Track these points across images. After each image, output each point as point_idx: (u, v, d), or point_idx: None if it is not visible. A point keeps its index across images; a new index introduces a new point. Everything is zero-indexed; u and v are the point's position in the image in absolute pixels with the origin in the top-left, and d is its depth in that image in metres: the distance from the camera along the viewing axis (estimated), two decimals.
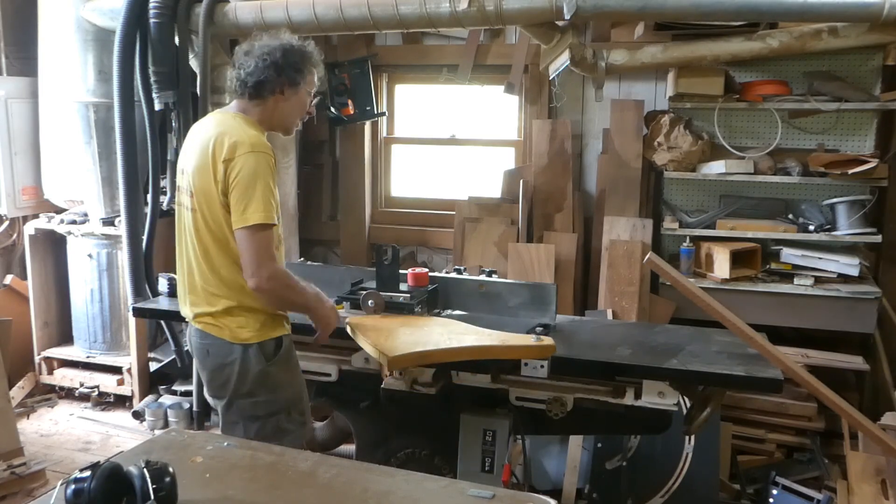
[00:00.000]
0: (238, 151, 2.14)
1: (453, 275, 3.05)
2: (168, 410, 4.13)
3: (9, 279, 4.50)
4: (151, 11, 3.74)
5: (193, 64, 3.87)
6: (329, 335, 2.43)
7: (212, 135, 2.21)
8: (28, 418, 4.27)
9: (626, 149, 4.04)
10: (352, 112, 4.52)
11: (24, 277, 4.52)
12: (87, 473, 1.40)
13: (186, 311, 2.40)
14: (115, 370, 4.40)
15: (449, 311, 2.89)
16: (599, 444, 3.22)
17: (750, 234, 3.73)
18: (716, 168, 3.70)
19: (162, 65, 3.81)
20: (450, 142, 4.70)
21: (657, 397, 2.43)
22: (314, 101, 2.42)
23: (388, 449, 2.83)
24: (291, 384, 2.39)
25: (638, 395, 2.45)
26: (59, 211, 4.47)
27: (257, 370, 2.28)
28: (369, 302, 2.75)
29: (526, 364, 2.44)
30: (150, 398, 4.30)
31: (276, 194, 2.20)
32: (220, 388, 2.34)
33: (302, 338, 2.50)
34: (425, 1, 3.36)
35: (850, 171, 3.46)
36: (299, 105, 2.33)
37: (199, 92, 3.86)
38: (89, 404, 4.42)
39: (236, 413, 2.34)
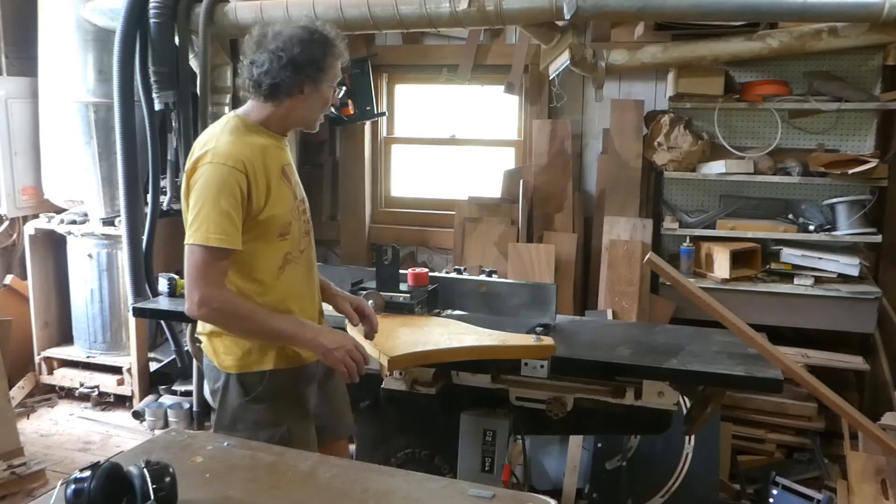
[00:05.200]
0: (201, 161, 1.93)
1: (453, 275, 3.05)
2: (168, 410, 4.13)
3: (9, 279, 4.50)
4: (151, 11, 3.74)
5: (193, 64, 3.88)
6: (345, 373, 2.02)
7: (196, 142, 2.04)
8: (28, 418, 4.27)
9: (626, 149, 4.04)
10: (352, 112, 4.51)
11: (24, 277, 4.52)
12: (87, 473, 1.40)
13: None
14: (115, 370, 4.40)
15: (449, 311, 2.89)
16: (599, 444, 3.22)
17: (750, 234, 3.73)
18: (716, 168, 3.70)
19: (162, 65, 3.81)
20: (450, 142, 4.70)
21: (657, 397, 2.42)
22: (339, 93, 2.16)
23: (388, 449, 2.83)
24: (277, 424, 2.06)
25: (638, 395, 2.45)
26: (59, 211, 4.47)
27: (236, 404, 2.08)
28: (369, 302, 2.75)
29: (526, 364, 2.43)
30: (150, 398, 4.30)
31: (232, 214, 1.89)
32: (214, 412, 2.17)
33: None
34: (425, 1, 3.36)
35: (850, 171, 3.45)
36: (321, 101, 2.06)
37: (199, 92, 3.87)
38: (89, 404, 4.42)
39: None
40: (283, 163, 2.08)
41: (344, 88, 2.17)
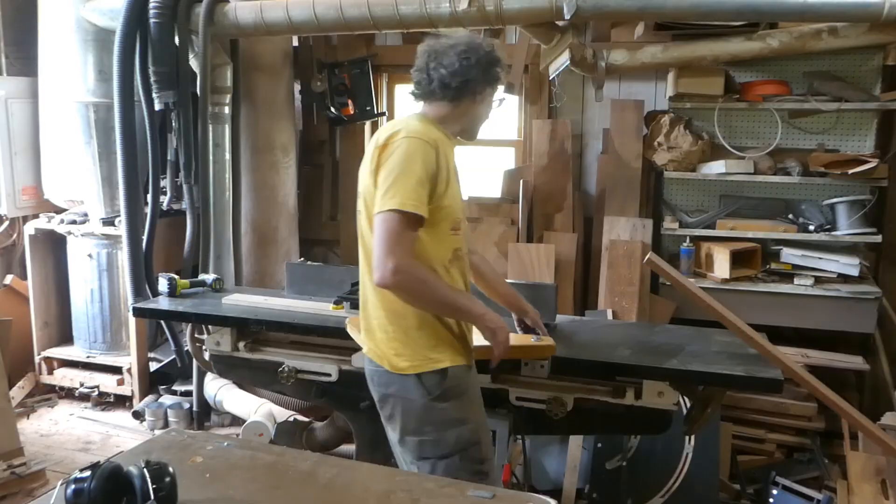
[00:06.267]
0: (394, 137, 1.98)
1: None
2: (168, 410, 4.13)
3: (9, 279, 4.50)
4: (151, 11, 3.74)
5: (193, 64, 3.88)
6: (500, 353, 2.10)
7: (382, 129, 2.09)
8: (28, 418, 4.27)
9: (626, 149, 4.04)
10: (352, 112, 4.52)
11: (24, 277, 4.52)
12: (87, 473, 1.40)
13: (361, 337, 2.20)
14: (115, 370, 4.40)
15: None
16: (599, 444, 3.22)
17: (750, 234, 3.73)
18: (716, 168, 3.71)
19: (162, 65, 3.81)
20: None
21: (657, 397, 2.43)
22: (498, 104, 2.23)
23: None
24: (464, 422, 2.07)
25: (638, 395, 2.45)
26: (59, 211, 4.47)
27: (420, 405, 2.05)
28: None
29: (526, 364, 2.44)
30: (150, 398, 4.30)
31: (426, 185, 1.94)
32: (389, 419, 2.16)
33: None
34: (425, 1, 3.36)
35: (850, 171, 3.46)
36: (487, 109, 2.17)
37: (199, 92, 3.87)
38: (89, 404, 4.42)
39: (409, 452, 2.12)
40: (454, 161, 2.14)
41: (503, 100, 2.25)
